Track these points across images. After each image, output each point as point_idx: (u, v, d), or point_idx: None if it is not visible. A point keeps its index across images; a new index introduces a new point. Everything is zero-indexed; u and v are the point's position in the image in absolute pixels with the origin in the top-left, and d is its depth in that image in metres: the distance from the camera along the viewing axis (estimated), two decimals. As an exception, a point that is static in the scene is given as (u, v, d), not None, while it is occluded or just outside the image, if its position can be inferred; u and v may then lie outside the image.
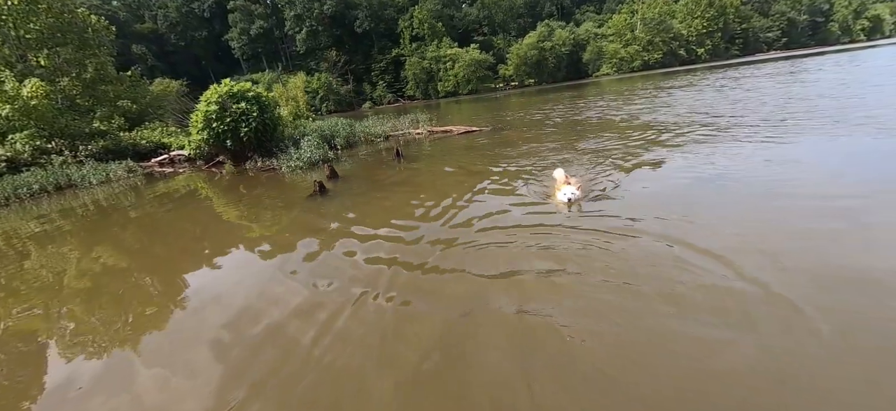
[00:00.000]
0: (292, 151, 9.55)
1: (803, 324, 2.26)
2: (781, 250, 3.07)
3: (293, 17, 64.67)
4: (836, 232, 3.29)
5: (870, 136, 6.02)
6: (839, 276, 2.68)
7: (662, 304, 2.56)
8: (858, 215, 3.50)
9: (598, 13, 76.49)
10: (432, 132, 12.90)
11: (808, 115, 8.25)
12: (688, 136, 7.71)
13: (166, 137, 14.72)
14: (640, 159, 6.44)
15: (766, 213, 3.82)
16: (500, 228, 4.17)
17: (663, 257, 3.11)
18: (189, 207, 7.54)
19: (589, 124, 11.60)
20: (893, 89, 10.58)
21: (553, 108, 17.76)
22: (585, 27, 67.19)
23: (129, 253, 5.29)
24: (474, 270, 3.34)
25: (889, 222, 3.33)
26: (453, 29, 69.50)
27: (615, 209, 4.29)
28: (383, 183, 7.08)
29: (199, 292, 3.75)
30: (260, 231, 5.45)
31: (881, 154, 5.23)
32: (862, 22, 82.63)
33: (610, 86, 32.29)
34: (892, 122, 6.64)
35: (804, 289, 2.57)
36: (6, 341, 3.26)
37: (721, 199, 4.33)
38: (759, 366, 2.02)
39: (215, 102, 9.31)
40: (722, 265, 2.93)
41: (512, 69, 61.09)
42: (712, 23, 61.87)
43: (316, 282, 3.54)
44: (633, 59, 57.60)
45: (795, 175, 4.76)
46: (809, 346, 2.11)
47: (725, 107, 10.91)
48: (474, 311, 2.74)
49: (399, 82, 65.99)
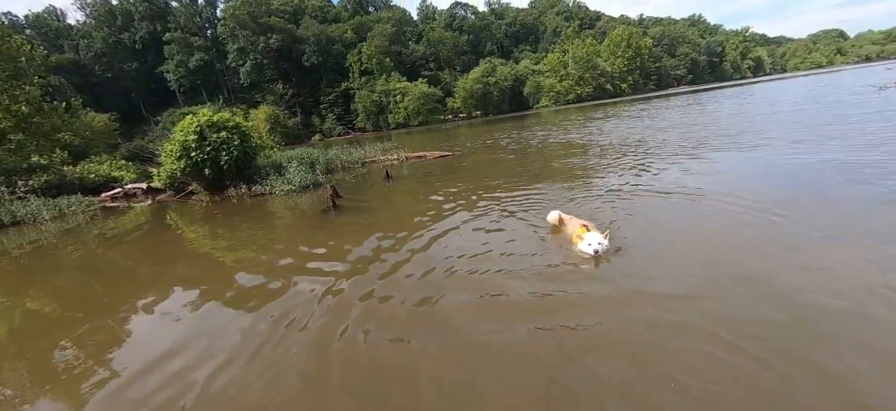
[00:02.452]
0: (275, 177, 9.95)
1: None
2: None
3: (237, 51, 63.29)
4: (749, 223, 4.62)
5: (763, 153, 7.87)
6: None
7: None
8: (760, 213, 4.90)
9: (534, 52, 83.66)
10: (408, 158, 13.82)
11: (715, 139, 10.30)
12: (628, 159, 9.32)
13: (117, 170, 13.99)
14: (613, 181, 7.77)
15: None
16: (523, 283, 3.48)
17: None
18: (215, 236, 7.45)
19: (539, 148, 13.25)
20: (776, 117, 13.39)
21: (504, 136, 19.52)
22: (524, 64, 73.07)
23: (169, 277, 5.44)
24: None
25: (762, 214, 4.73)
26: (401, 64, 71.97)
27: (647, 265, 3.56)
28: (387, 197, 7.88)
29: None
30: (324, 241, 5.62)
31: (775, 166, 6.96)
32: (747, 62, 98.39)
33: (549, 116, 35.55)
34: (778, 143, 8.68)
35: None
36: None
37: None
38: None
39: (193, 132, 9.43)
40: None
41: (460, 102, 64.24)
42: (631, 62, 70.24)
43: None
44: (568, 92, 63.39)
45: (718, 187, 6.08)
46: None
47: (660, 132, 13.04)
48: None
49: (349, 114, 66.34)
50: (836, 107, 13.76)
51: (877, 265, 3.09)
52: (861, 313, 2.55)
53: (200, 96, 63.30)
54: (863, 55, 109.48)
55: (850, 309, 2.60)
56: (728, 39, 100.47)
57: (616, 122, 18.81)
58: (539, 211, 5.46)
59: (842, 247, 3.52)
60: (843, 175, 5.56)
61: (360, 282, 3.95)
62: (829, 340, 2.37)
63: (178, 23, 63.74)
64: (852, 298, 2.70)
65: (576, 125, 20.41)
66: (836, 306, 2.65)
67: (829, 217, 4.23)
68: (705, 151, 8.56)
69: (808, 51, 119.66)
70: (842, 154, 6.75)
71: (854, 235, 3.68)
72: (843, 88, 21.87)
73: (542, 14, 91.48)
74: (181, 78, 62.36)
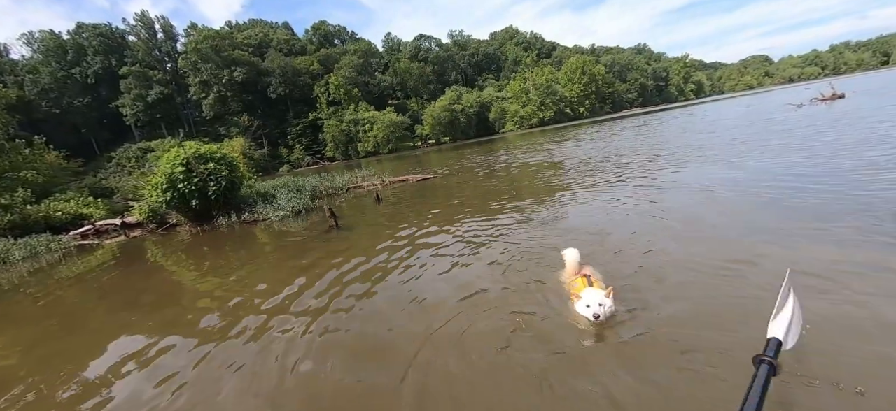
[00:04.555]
0: (263, 205, 10.21)
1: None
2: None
3: (199, 84, 62.09)
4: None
5: (713, 167, 9.09)
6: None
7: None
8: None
9: (497, 79, 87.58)
10: (391, 181, 14.47)
11: (665, 155, 11.61)
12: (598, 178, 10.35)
13: (84, 207, 13.50)
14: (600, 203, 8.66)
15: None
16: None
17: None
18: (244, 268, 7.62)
19: (508, 168, 14.26)
20: (716, 135, 15.14)
21: (475, 160, 20.55)
22: (488, 91, 76.27)
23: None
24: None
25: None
26: (369, 94, 73.13)
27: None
28: (384, 217, 8.35)
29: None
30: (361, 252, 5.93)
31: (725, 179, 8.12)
32: (690, 85, 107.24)
33: (515, 140, 37.36)
34: (723, 158, 9.99)
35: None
36: None
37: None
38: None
39: (180, 164, 9.55)
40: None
41: (428, 128, 65.76)
42: (587, 87, 75.04)
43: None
44: (531, 117, 66.61)
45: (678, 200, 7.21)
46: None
47: (619, 151, 14.36)
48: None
49: (317, 144, 66.09)
50: (765, 124, 15.79)
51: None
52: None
53: (159, 130, 61.07)
54: (786, 77, 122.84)
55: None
56: (671, 65, 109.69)
57: (588, 143, 20.30)
58: (525, 226, 6.20)
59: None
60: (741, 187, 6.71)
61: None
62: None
63: (136, 57, 61.97)
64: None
65: (541, 147, 21.80)
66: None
67: (726, 218, 5.22)
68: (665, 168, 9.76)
69: (740, 74, 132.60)
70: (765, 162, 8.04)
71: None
72: (770, 106, 24.81)
73: (503, 44, 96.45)
74: (139, 112, 60.04)
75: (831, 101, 20.89)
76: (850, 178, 5.77)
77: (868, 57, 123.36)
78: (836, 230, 4.02)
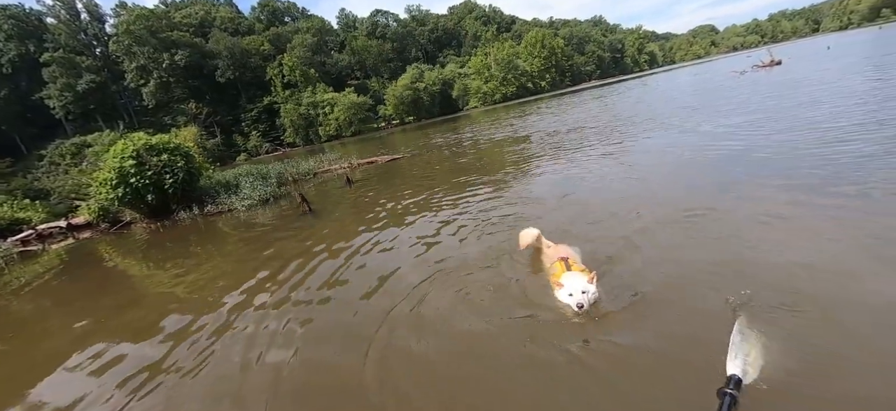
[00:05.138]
0: (226, 195, 9.68)
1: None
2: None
3: (136, 69, 56.98)
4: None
5: (667, 134, 9.56)
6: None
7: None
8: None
9: (458, 56, 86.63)
10: (359, 164, 14.25)
11: (625, 124, 12.09)
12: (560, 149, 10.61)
13: (20, 211, 12.18)
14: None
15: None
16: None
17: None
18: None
19: (474, 145, 14.35)
20: (671, 103, 15.89)
21: (440, 138, 20.50)
22: (450, 68, 75.39)
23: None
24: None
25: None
26: (327, 74, 70.21)
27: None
28: (356, 199, 8.15)
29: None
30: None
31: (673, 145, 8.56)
32: (644, 56, 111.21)
33: (480, 117, 37.48)
34: (678, 124, 10.52)
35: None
36: None
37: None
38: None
39: (130, 157, 8.81)
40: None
41: (391, 109, 64.41)
42: (547, 61, 75.89)
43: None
44: (494, 92, 66.77)
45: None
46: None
47: (580, 121, 14.76)
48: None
49: (275, 130, 63.07)
50: (713, 91, 16.77)
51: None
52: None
53: (94, 123, 55.80)
54: (731, 46, 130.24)
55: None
56: (626, 37, 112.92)
57: (551, 117, 20.68)
58: (497, 200, 6.31)
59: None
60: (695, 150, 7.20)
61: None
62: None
63: (58, 41, 55.67)
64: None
65: (506, 123, 22.03)
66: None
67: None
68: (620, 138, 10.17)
69: (689, 44, 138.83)
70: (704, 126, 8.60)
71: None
72: (717, 74, 26.33)
73: (462, 19, 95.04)
74: (68, 103, 54.41)
75: (770, 68, 22.43)
76: (796, 136, 6.30)
77: (801, 24, 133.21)
78: (787, 181, 4.45)
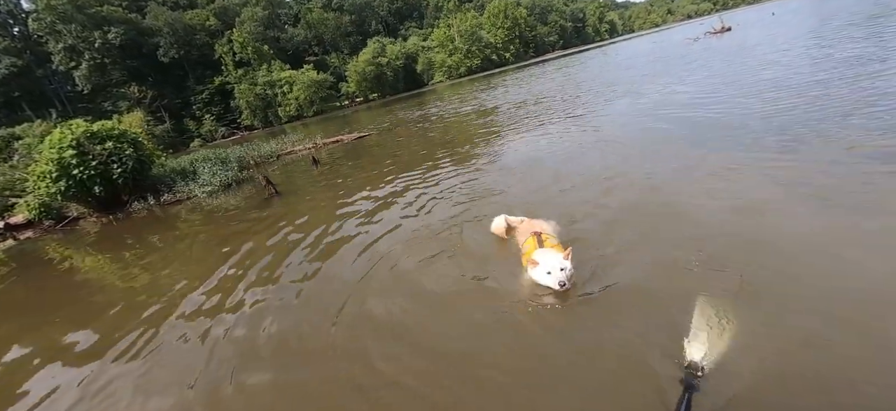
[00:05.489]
0: (183, 183, 9.11)
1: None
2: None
3: (63, 51, 51.39)
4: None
5: (632, 99, 9.69)
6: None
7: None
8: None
9: (420, 28, 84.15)
10: (325, 143, 13.94)
11: (589, 94, 12.19)
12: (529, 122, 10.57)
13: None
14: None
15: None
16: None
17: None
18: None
19: (439, 120, 14.12)
20: (632, 71, 16.17)
21: (407, 114, 20.04)
22: (412, 41, 73.25)
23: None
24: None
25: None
26: (282, 51, 66.47)
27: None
28: (323, 179, 7.79)
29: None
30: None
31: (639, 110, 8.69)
32: (604, 25, 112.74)
33: (445, 91, 36.87)
34: (640, 91, 10.69)
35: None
36: None
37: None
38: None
39: (70, 146, 7.93)
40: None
41: (354, 86, 62.21)
42: (511, 31, 75.23)
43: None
44: (459, 65, 65.76)
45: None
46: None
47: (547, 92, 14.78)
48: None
49: (231, 113, 59.47)
50: (670, 59, 17.21)
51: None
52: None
53: (21, 112, 50.24)
54: (685, 13, 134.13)
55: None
56: (587, 6, 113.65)
57: (516, 87, 20.57)
58: (466, 171, 6.19)
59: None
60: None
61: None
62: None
63: (-36, 20, 49.17)
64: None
65: (472, 96, 21.71)
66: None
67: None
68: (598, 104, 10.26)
69: (647, 13, 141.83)
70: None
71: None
72: (672, 42, 27.10)
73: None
74: (-15, 91, 48.67)
75: (721, 34, 23.31)
76: (752, 97, 6.51)
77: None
78: (748, 137, 4.70)
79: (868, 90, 5.25)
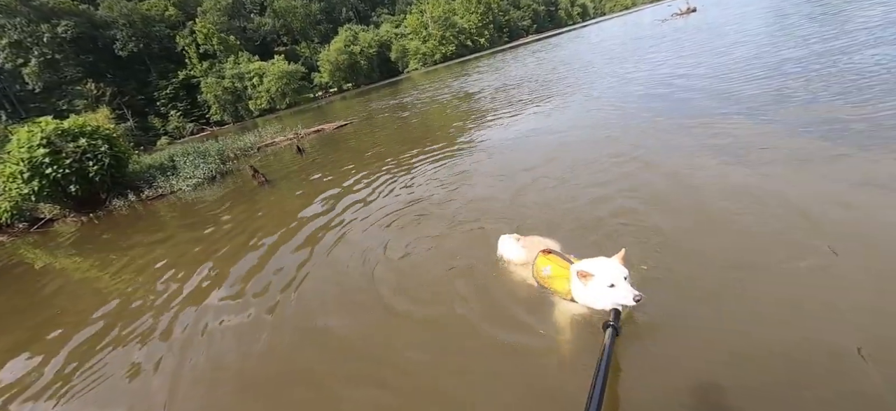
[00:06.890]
0: (164, 178, 8.92)
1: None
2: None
3: (8, 47, 47.84)
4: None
5: (611, 80, 9.97)
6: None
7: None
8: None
9: (393, 15, 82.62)
10: (306, 133, 14.02)
11: (560, 82, 12.43)
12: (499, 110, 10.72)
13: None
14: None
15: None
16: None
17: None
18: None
19: (419, 109, 14.15)
20: (606, 53, 16.50)
21: (383, 103, 19.89)
22: (385, 28, 71.94)
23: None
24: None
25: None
26: (249, 42, 64.14)
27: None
28: (311, 167, 7.96)
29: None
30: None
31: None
32: (576, 8, 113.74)
33: (421, 79, 36.60)
34: (619, 72, 10.98)
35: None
36: None
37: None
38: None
39: (40, 145, 7.54)
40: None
41: (327, 76, 60.83)
42: (484, 16, 74.85)
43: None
44: (434, 52, 65.16)
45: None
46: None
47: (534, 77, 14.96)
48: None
49: (198, 108, 57.13)
50: (641, 40, 17.70)
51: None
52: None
53: (-35, 114, 46.76)
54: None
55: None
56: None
57: (493, 73, 20.65)
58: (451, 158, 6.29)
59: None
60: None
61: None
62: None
63: None
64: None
65: (448, 84, 21.68)
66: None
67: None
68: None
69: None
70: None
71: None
72: (642, 24, 27.78)
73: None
74: (-78, 93, 44.96)
75: (687, 15, 24.06)
76: (728, 71, 6.88)
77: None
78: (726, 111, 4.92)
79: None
